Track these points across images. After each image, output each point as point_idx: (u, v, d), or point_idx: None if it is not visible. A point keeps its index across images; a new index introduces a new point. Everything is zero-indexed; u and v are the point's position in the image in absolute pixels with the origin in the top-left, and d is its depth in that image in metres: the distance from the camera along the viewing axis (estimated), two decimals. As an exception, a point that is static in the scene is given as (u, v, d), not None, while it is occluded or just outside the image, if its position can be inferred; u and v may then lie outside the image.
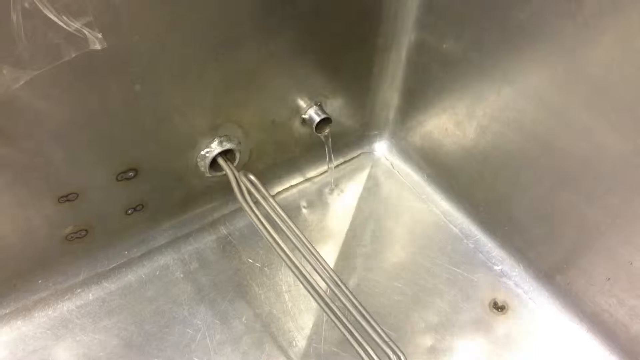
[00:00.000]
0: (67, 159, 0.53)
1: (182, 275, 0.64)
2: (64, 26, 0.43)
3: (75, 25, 0.43)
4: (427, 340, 0.60)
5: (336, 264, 0.67)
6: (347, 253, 0.69)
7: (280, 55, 0.60)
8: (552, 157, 0.57)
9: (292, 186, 0.76)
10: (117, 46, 0.47)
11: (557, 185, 0.58)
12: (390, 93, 0.74)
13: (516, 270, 0.66)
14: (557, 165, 0.57)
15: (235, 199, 0.60)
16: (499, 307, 0.63)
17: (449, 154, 0.70)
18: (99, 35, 0.45)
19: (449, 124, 0.68)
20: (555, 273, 0.62)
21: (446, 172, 0.73)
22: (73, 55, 0.45)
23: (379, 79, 0.72)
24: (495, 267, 0.67)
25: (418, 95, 0.71)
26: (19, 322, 0.59)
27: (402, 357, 0.47)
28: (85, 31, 0.44)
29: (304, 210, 0.74)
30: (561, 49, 0.51)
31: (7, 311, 0.59)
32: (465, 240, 0.70)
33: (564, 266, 0.61)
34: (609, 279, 0.57)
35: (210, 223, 0.70)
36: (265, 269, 0.66)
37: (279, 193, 0.75)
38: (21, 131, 0.48)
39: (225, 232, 0.69)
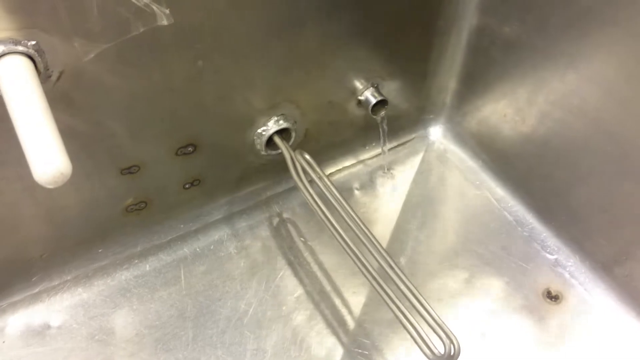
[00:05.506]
0: (130, 132, 0.54)
1: (235, 251, 0.65)
2: (134, 1, 0.43)
3: (145, 1, 0.44)
4: (478, 326, 0.60)
5: (387, 247, 0.67)
6: (398, 236, 0.69)
7: (340, 36, 0.60)
8: (616, 146, 0.55)
9: (345, 167, 0.76)
10: (182, 22, 0.48)
11: (620, 175, 0.56)
12: (448, 77, 0.73)
13: (572, 260, 0.65)
14: (621, 155, 0.55)
15: (288, 177, 0.61)
16: (552, 297, 0.62)
17: (506, 140, 0.69)
18: (167, 11, 0.45)
19: (508, 109, 0.66)
20: (613, 265, 0.61)
21: (502, 158, 0.72)
22: (141, 30, 0.46)
23: (438, 62, 0.71)
24: (550, 257, 0.66)
25: (477, 79, 0.70)
26: (80, 289, 0.61)
27: (454, 341, 0.47)
28: (154, 6, 0.45)
29: (356, 192, 0.74)
30: (632, 35, 0.49)
31: (69, 278, 0.61)
32: (519, 228, 0.69)
33: (623, 258, 0.60)
34: (671, 273, 0.55)
35: (264, 201, 0.70)
36: (317, 247, 0.66)
37: (331, 174, 0.75)
38: (89, 103, 0.49)
39: (278, 210, 0.70)
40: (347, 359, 0.57)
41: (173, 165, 0.60)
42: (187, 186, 0.63)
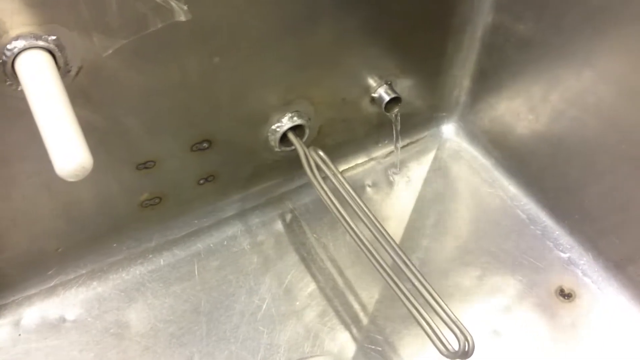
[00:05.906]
0: (146, 127, 0.54)
1: (248, 247, 0.66)
2: (153, -3, 0.44)
3: (163, -4, 0.44)
4: (491, 324, 0.60)
5: (400, 243, 0.66)
6: (410, 234, 0.69)
7: (354, 33, 0.60)
8: (632, 145, 0.55)
9: (357, 165, 0.76)
10: (200, 18, 0.48)
11: (634, 174, 0.56)
12: (461, 74, 0.73)
13: (584, 258, 0.65)
14: (636, 154, 0.55)
15: (301, 174, 0.61)
16: (565, 295, 0.62)
17: (519, 139, 0.69)
18: (185, 7, 0.46)
19: (522, 107, 0.66)
20: (626, 263, 0.61)
21: (516, 156, 0.72)
22: (159, 25, 0.46)
23: (451, 60, 0.71)
24: (563, 255, 0.66)
25: (491, 77, 0.70)
26: (95, 283, 0.62)
27: (468, 338, 0.47)
28: (172, 2, 0.45)
29: (369, 189, 0.74)
30: (648, 33, 0.49)
31: (84, 272, 0.62)
32: (532, 227, 0.69)
33: (636, 256, 0.59)
34: (686, 271, 0.55)
35: (277, 197, 0.71)
36: (330, 244, 0.66)
37: (344, 171, 0.75)
38: (106, 98, 0.49)
39: (291, 206, 0.70)
40: (360, 355, 0.58)
41: (188, 161, 0.60)
42: (201, 182, 0.64)
